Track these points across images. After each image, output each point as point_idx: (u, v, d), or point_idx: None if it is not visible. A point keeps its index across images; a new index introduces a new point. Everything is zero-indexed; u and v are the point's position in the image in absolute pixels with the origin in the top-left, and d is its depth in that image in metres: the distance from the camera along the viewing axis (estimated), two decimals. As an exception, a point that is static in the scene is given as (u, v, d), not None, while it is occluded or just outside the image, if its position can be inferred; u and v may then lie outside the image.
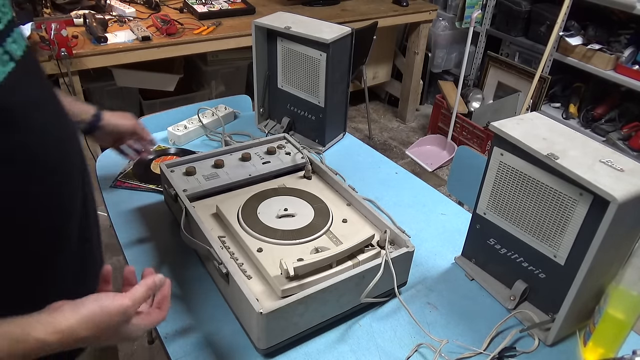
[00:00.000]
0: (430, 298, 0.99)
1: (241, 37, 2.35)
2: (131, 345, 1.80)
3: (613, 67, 2.65)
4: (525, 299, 0.97)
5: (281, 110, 1.50)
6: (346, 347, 0.87)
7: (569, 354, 0.90)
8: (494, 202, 0.95)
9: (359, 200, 1.05)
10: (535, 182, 0.86)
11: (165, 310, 0.69)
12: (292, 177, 1.16)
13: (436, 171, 3.01)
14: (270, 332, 0.81)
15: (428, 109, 3.52)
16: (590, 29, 2.79)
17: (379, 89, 3.73)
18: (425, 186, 1.33)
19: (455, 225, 1.18)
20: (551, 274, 0.90)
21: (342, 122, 1.51)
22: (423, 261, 1.08)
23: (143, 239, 1.08)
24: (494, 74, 3.01)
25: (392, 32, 3.37)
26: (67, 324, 0.56)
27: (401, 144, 3.28)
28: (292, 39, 1.35)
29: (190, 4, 2.50)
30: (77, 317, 0.57)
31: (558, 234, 0.85)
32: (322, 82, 1.34)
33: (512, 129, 0.88)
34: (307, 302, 0.82)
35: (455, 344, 0.89)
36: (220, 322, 0.90)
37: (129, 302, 0.61)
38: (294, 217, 1.01)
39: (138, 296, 0.63)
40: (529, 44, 3.02)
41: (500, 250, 0.98)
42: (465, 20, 2.97)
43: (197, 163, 1.15)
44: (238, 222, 0.98)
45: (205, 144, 1.44)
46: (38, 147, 0.60)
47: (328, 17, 2.53)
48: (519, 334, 0.91)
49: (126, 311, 0.61)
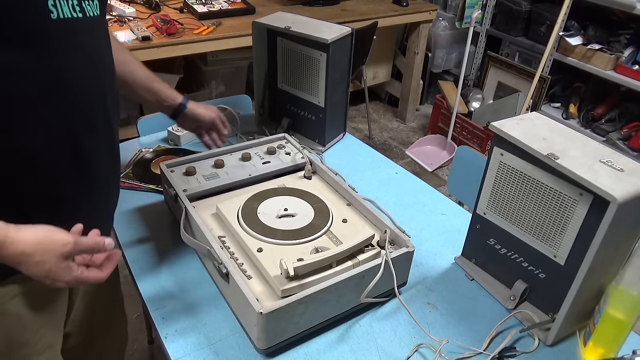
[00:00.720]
0: (430, 298, 0.99)
1: (241, 37, 2.35)
2: (131, 345, 1.80)
3: (613, 67, 2.65)
4: (525, 299, 0.97)
5: (281, 110, 1.50)
6: (346, 347, 0.87)
7: (569, 354, 0.90)
8: (494, 202, 0.95)
9: (359, 200, 1.05)
10: (535, 182, 0.86)
11: (105, 273, 0.74)
12: (292, 177, 1.16)
13: (436, 171, 3.01)
14: (270, 332, 0.81)
15: (428, 109, 3.52)
16: (590, 29, 2.79)
17: (379, 89, 3.73)
18: (425, 186, 1.33)
19: (455, 225, 1.18)
20: (551, 274, 0.90)
21: (342, 122, 1.51)
22: (423, 261, 1.08)
23: (143, 239, 1.08)
24: (494, 74, 3.01)
25: (392, 32, 3.37)
26: (18, 237, 0.65)
27: (401, 144, 3.28)
28: (292, 38, 1.35)
29: (190, 4, 2.50)
30: (29, 233, 0.65)
31: (558, 234, 0.85)
32: (322, 82, 1.34)
33: (512, 129, 0.88)
34: (307, 302, 0.82)
35: (455, 344, 0.89)
36: (220, 322, 0.90)
37: (72, 239, 0.68)
38: (294, 217, 1.01)
39: (83, 241, 0.70)
40: (529, 44, 3.02)
41: (500, 250, 0.98)
42: (465, 20, 2.97)
43: (197, 163, 1.15)
44: (238, 222, 0.98)
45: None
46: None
47: (328, 17, 2.53)
48: (519, 334, 0.91)
49: (68, 245, 0.67)
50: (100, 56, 0.77)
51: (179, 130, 1.41)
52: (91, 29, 0.74)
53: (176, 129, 1.41)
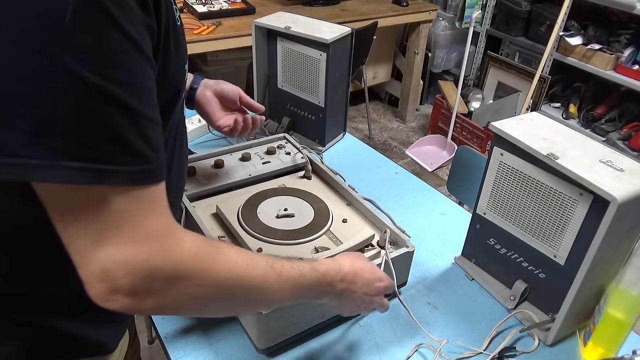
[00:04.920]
0: (430, 298, 0.99)
1: (241, 37, 2.35)
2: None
3: (613, 67, 2.65)
4: (525, 299, 0.97)
5: (281, 110, 1.50)
6: (346, 347, 0.87)
7: (569, 354, 0.90)
8: (494, 202, 0.95)
9: (359, 200, 1.05)
10: (535, 182, 0.86)
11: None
12: (292, 177, 1.16)
13: (436, 171, 3.01)
14: (270, 332, 0.81)
15: (428, 109, 3.52)
16: (590, 29, 2.79)
17: (379, 89, 3.73)
18: (425, 186, 1.33)
19: (455, 225, 1.18)
20: (551, 274, 0.90)
21: (342, 122, 1.51)
22: (423, 261, 1.08)
23: (143, 239, 1.08)
24: (494, 74, 3.02)
25: (392, 32, 3.37)
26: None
27: (401, 144, 3.28)
28: (292, 39, 1.35)
29: (190, 4, 2.50)
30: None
31: (558, 234, 0.85)
32: (322, 82, 1.34)
33: (512, 129, 0.88)
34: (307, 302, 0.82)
35: (455, 344, 0.89)
36: (220, 322, 0.90)
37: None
38: (294, 217, 1.01)
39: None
40: (529, 44, 3.02)
41: (500, 250, 0.98)
42: (465, 20, 2.97)
43: (197, 163, 1.15)
44: (238, 222, 0.98)
45: (206, 144, 1.44)
46: None
47: (328, 17, 2.53)
48: (519, 334, 0.91)
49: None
50: None
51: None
52: None
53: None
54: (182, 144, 0.74)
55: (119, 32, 0.45)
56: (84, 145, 0.45)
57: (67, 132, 0.44)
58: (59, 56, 0.42)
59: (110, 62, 0.45)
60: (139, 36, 0.47)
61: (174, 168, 0.70)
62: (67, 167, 0.44)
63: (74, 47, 0.43)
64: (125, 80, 0.46)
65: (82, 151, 0.45)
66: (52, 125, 0.44)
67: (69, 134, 0.44)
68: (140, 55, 0.47)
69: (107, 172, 0.46)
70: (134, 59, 0.47)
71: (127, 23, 0.45)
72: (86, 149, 0.45)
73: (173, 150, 0.68)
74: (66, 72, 0.43)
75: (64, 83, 0.43)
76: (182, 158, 0.76)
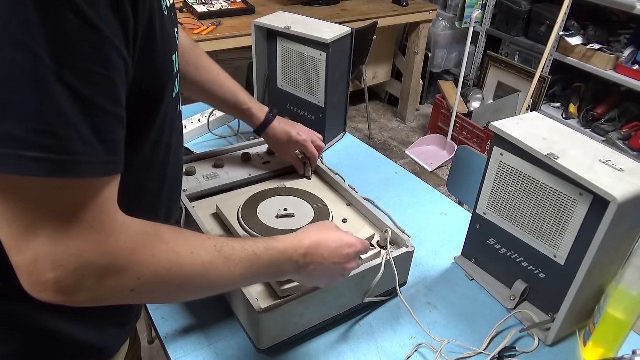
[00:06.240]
0: (430, 298, 0.99)
1: (241, 37, 2.35)
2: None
3: (613, 67, 2.65)
4: (525, 299, 0.97)
5: (281, 110, 1.49)
6: (346, 347, 0.87)
7: (569, 354, 0.90)
8: (494, 202, 0.95)
9: (359, 200, 1.05)
10: (535, 182, 0.86)
11: None
12: (292, 177, 1.16)
13: (436, 171, 3.02)
14: (270, 332, 0.81)
15: (428, 109, 3.52)
16: (590, 29, 2.79)
17: (379, 89, 3.73)
18: (425, 186, 1.33)
19: (455, 225, 1.18)
20: (551, 274, 0.90)
21: (342, 122, 1.51)
22: (423, 261, 1.08)
23: (143, 239, 1.08)
24: (494, 74, 3.02)
25: (392, 32, 3.37)
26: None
27: (401, 144, 3.28)
28: (292, 39, 1.35)
29: (190, 4, 2.50)
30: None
31: (558, 234, 0.85)
32: (322, 82, 1.34)
33: (512, 129, 0.88)
34: (307, 302, 0.82)
35: (456, 343, 0.89)
36: (220, 322, 0.90)
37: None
38: (294, 217, 1.01)
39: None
40: (529, 44, 3.02)
41: (500, 250, 0.98)
42: (465, 20, 2.97)
43: (197, 163, 1.15)
44: (238, 222, 0.98)
45: (206, 144, 1.44)
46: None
47: (328, 17, 2.53)
48: (519, 334, 0.91)
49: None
50: None
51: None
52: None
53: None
54: (177, 145, 0.72)
55: (75, 15, 0.42)
56: (21, 126, 0.42)
57: (10, 110, 0.42)
58: (12, 29, 0.41)
59: (62, 44, 0.42)
60: (103, 22, 0.44)
61: (169, 167, 0.69)
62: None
63: (28, 22, 0.41)
64: (78, 65, 0.43)
65: (16, 132, 0.42)
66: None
67: (11, 114, 0.42)
68: (102, 41, 0.45)
69: (43, 160, 0.43)
70: (92, 44, 0.44)
71: (87, 7, 0.43)
72: (24, 131, 0.42)
73: (168, 149, 0.67)
74: (17, 45, 0.41)
75: (10, 54, 0.41)
76: (178, 159, 0.74)
